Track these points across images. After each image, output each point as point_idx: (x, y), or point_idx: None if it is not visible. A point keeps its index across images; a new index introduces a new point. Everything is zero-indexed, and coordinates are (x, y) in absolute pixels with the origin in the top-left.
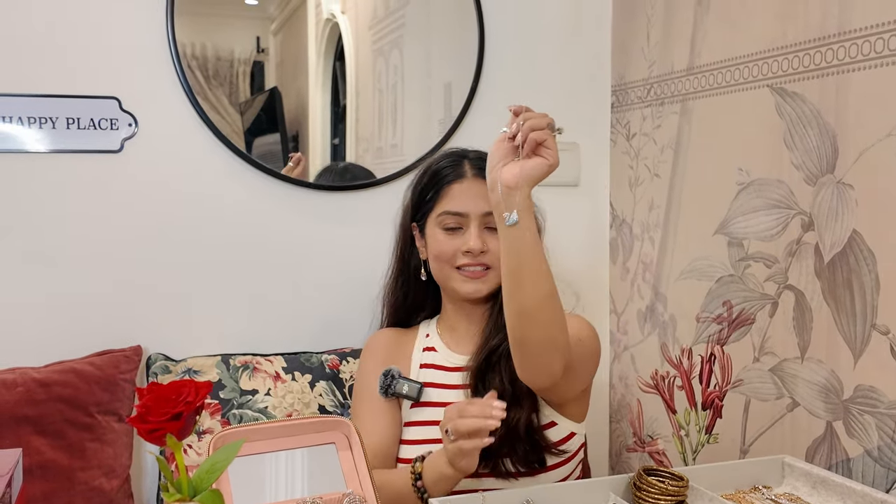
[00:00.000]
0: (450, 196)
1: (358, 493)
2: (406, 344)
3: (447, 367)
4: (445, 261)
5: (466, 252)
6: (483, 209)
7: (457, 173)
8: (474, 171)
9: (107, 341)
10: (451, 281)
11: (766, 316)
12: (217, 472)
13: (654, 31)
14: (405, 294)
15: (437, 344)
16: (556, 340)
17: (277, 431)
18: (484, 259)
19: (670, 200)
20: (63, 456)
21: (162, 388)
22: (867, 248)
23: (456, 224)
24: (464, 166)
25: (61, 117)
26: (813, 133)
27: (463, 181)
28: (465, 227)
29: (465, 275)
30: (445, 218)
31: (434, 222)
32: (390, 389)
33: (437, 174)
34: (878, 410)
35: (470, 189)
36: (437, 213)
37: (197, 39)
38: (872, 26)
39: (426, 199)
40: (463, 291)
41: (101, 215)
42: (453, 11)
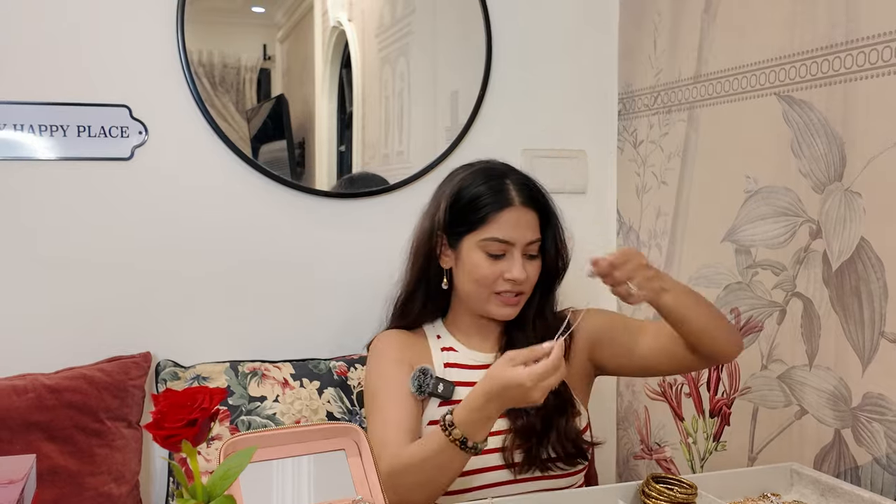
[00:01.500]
0: (497, 223)
1: (368, 500)
2: (419, 345)
3: (472, 366)
4: (485, 285)
5: (509, 280)
6: (528, 238)
7: (505, 200)
8: (521, 198)
9: (116, 348)
10: (486, 304)
11: (774, 323)
12: (231, 478)
13: (661, 39)
14: (423, 301)
15: (455, 344)
16: (725, 334)
17: (287, 438)
18: (522, 287)
19: (677, 208)
20: (73, 461)
21: (177, 394)
22: (875, 255)
23: (500, 251)
24: (510, 192)
25: (72, 125)
26: (820, 141)
27: (511, 209)
28: (507, 254)
29: (501, 300)
30: (491, 244)
31: (475, 244)
32: (426, 388)
33: (481, 198)
34: (886, 418)
35: (518, 218)
36: (482, 237)
37: (204, 47)
38: (880, 35)
39: (468, 220)
40: (498, 315)
41: (112, 222)
42: (460, 19)
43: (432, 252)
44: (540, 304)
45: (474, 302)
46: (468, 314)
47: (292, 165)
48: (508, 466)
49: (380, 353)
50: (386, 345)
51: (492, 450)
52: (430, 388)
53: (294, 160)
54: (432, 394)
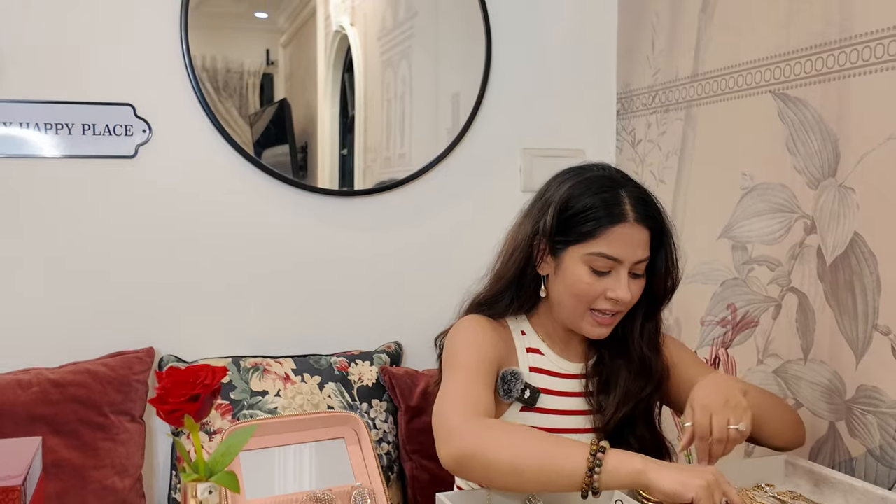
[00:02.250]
0: (608, 238)
1: (367, 486)
2: (506, 338)
3: (559, 374)
4: (584, 301)
5: (610, 298)
6: (638, 257)
7: (619, 214)
8: (636, 214)
9: (120, 343)
10: (580, 320)
11: (770, 318)
12: (232, 454)
13: (659, 39)
14: (511, 299)
15: (541, 346)
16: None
17: (288, 426)
18: (623, 307)
19: (675, 206)
20: (77, 455)
21: (181, 372)
22: (868, 250)
23: (606, 268)
24: (625, 206)
25: (77, 123)
26: (815, 138)
27: (624, 225)
28: (612, 271)
29: (596, 320)
30: (598, 259)
31: (580, 257)
32: (513, 392)
33: (596, 211)
34: (880, 410)
35: (632, 236)
36: (590, 251)
37: (207, 52)
38: (873, 32)
39: (577, 230)
40: (589, 334)
41: (116, 219)
42: (461, 21)
43: (531, 257)
44: (642, 327)
45: (567, 315)
46: (556, 323)
47: (295, 169)
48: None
49: (473, 328)
50: (479, 325)
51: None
52: (517, 394)
53: (297, 164)
54: (519, 399)
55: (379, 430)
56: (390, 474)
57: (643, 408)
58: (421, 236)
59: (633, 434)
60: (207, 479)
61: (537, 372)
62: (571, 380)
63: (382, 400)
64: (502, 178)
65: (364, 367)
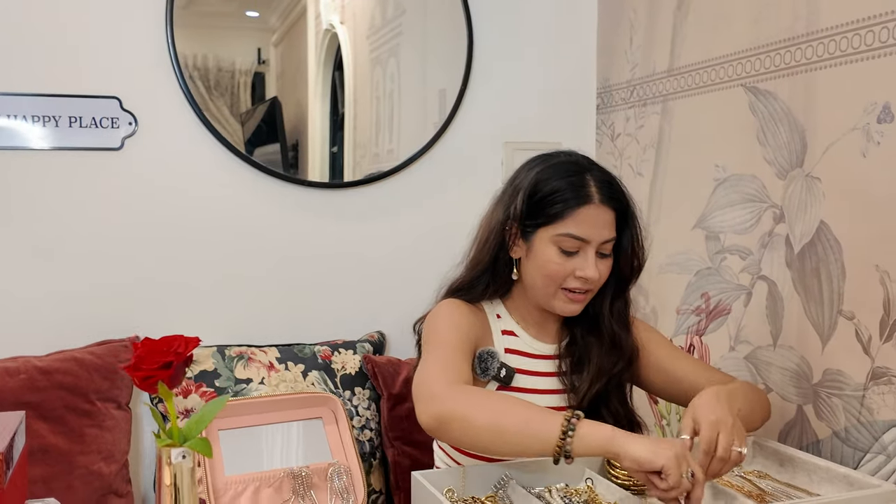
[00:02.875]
0: (575, 219)
1: (343, 464)
2: (482, 321)
3: (534, 355)
4: (554, 280)
5: (579, 277)
6: (604, 237)
7: (584, 195)
8: (601, 196)
9: (106, 331)
10: (552, 299)
11: (742, 306)
12: (205, 422)
13: (637, 35)
14: (486, 284)
15: (515, 329)
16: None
17: (268, 406)
18: (591, 285)
19: (652, 198)
20: (63, 441)
21: (154, 341)
22: (834, 237)
23: (574, 248)
24: (590, 187)
25: (64, 116)
26: (783, 129)
27: (591, 206)
28: (580, 251)
29: (568, 297)
30: (566, 240)
31: (549, 238)
32: (490, 371)
33: (561, 192)
34: (844, 393)
35: (597, 216)
36: (558, 231)
37: (199, 51)
38: (838, 26)
39: (545, 213)
40: (562, 311)
41: (103, 210)
42: (447, 19)
43: (504, 241)
44: (612, 305)
45: (540, 295)
46: (531, 304)
47: (286, 167)
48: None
49: (452, 309)
50: (457, 307)
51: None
52: (494, 372)
53: (287, 162)
54: (495, 377)
55: (362, 416)
56: (373, 460)
57: (615, 384)
58: (404, 228)
59: (607, 410)
60: (181, 444)
61: (512, 353)
62: (546, 360)
63: (365, 388)
64: (484, 172)
65: (347, 355)
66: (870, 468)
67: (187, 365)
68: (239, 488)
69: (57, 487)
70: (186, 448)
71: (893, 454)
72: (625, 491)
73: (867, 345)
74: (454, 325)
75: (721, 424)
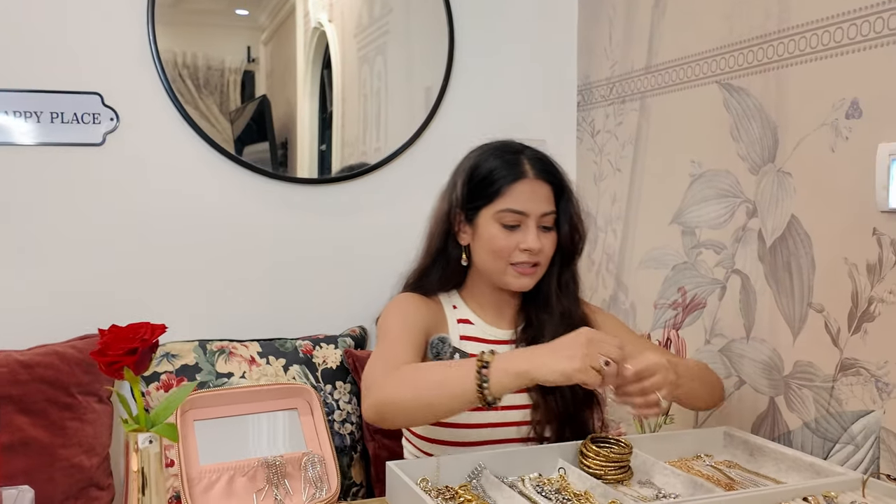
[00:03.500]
0: (512, 194)
1: (317, 453)
2: (437, 312)
3: (488, 340)
4: (501, 256)
5: (524, 250)
6: (542, 209)
7: (519, 172)
8: (535, 171)
9: (88, 326)
10: (503, 275)
11: (716, 300)
12: (172, 407)
13: (616, 32)
14: (440, 274)
15: (471, 317)
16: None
17: (244, 397)
18: (537, 258)
19: (630, 193)
20: (45, 434)
21: (121, 328)
22: (804, 231)
23: (515, 222)
24: (524, 165)
25: (45, 111)
26: (756, 125)
27: (525, 181)
28: (522, 225)
29: (518, 270)
30: (506, 215)
31: (491, 217)
32: (442, 356)
33: (496, 171)
34: (814, 384)
35: (532, 190)
36: (498, 209)
37: (188, 49)
38: (808, 23)
39: (484, 193)
40: (514, 286)
41: (85, 205)
42: (431, 17)
43: (451, 229)
44: (559, 280)
45: (492, 274)
46: (486, 288)
47: (275, 165)
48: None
49: (405, 300)
50: (408, 300)
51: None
52: (447, 357)
53: (277, 160)
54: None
55: (343, 410)
56: (354, 453)
57: None
58: (386, 224)
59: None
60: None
61: (468, 340)
62: (503, 345)
63: (346, 382)
64: None
65: (328, 350)
66: (839, 458)
67: (153, 351)
68: (213, 477)
69: (38, 480)
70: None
71: (862, 444)
72: (596, 480)
73: (836, 337)
74: (401, 316)
75: (661, 368)
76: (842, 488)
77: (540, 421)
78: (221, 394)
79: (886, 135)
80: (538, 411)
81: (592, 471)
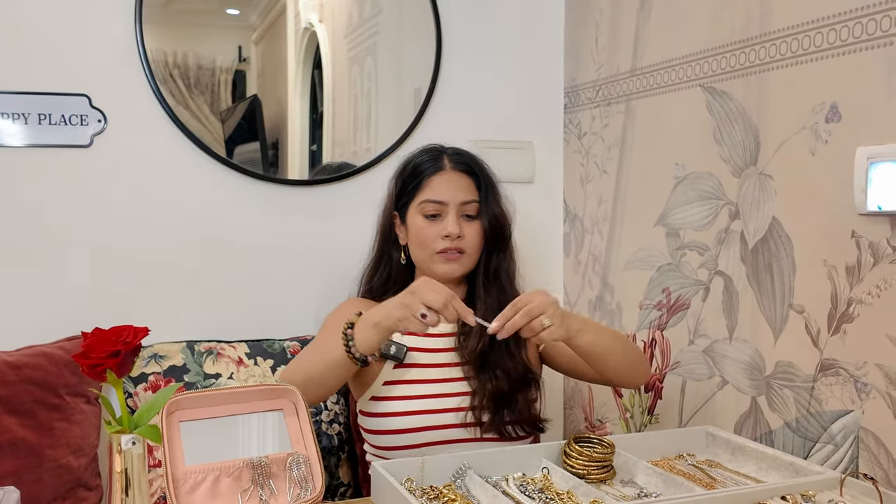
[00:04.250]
0: (430, 186)
1: (302, 454)
2: None
3: (432, 334)
4: (426, 245)
5: (446, 237)
6: (461, 198)
7: (437, 166)
8: (452, 164)
9: (76, 327)
10: (430, 263)
11: (700, 301)
12: (155, 409)
13: (602, 35)
14: (387, 276)
15: None
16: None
17: (229, 398)
18: (460, 244)
19: (616, 195)
20: (33, 434)
21: (104, 331)
22: (785, 233)
23: (435, 211)
24: (443, 160)
25: (33, 113)
26: (738, 128)
27: (442, 173)
28: (443, 215)
29: (443, 258)
30: (426, 206)
31: (415, 210)
32: (381, 351)
33: (419, 167)
34: (795, 384)
35: (450, 180)
36: (419, 201)
37: (178, 48)
38: (789, 27)
39: (408, 189)
40: (440, 272)
41: (73, 207)
42: (418, 18)
43: (391, 230)
44: (485, 269)
45: (424, 266)
46: None
47: (265, 166)
48: (466, 426)
49: (339, 310)
50: (348, 305)
51: (457, 408)
52: (383, 349)
53: (267, 160)
54: (384, 355)
55: (330, 411)
56: (342, 454)
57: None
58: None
59: (500, 366)
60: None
61: (411, 334)
62: (446, 338)
63: None
64: None
65: None
66: (819, 457)
67: (136, 354)
68: (199, 478)
69: (26, 480)
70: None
71: (841, 444)
72: (579, 479)
73: (816, 338)
74: (332, 320)
75: (541, 295)
76: (820, 487)
77: (477, 406)
78: (207, 395)
79: (865, 138)
80: (475, 397)
81: (575, 470)
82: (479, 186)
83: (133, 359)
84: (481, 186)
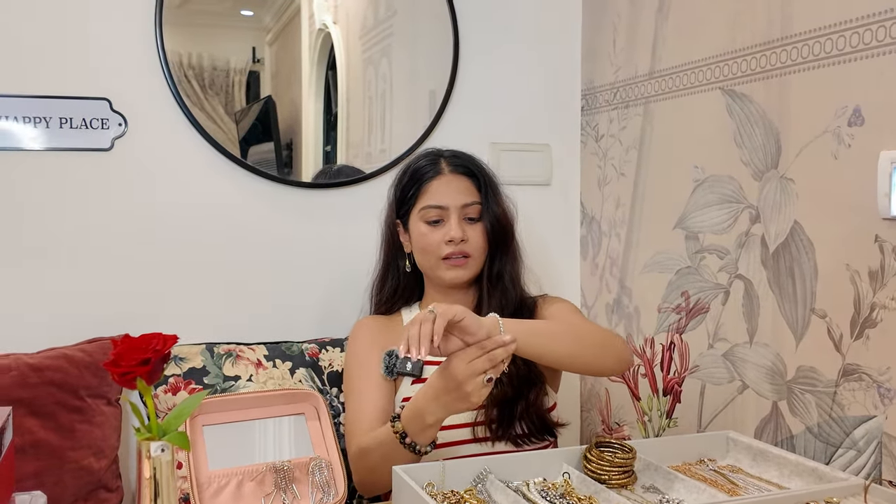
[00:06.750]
0: (430, 192)
1: (324, 458)
2: (393, 329)
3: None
4: (430, 252)
5: (449, 241)
6: (461, 201)
7: (435, 170)
8: (451, 167)
9: (97, 329)
10: (436, 270)
11: (719, 304)
12: (183, 416)
13: (620, 38)
14: (394, 286)
15: None
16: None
17: (252, 402)
18: (464, 248)
19: (634, 198)
20: (54, 436)
21: (134, 339)
22: (807, 237)
23: (437, 217)
24: (441, 164)
25: (55, 117)
26: (759, 131)
27: (441, 177)
28: (445, 220)
29: (449, 263)
30: (428, 212)
31: (417, 217)
32: (396, 368)
33: (417, 172)
34: (817, 389)
35: (448, 184)
36: (420, 207)
37: (193, 49)
38: (810, 31)
39: (408, 196)
40: (447, 278)
41: (93, 210)
42: (436, 21)
43: (395, 239)
44: (489, 273)
45: (430, 273)
46: (437, 293)
47: (280, 166)
48: (479, 441)
49: (355, 338)
50: (360, 331)
51: (463, 424)
52: (399, 368)
53: (282, 161)
54: (401, 373)
55: None
56: None
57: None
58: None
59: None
60: (160, 438)
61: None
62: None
63: None
64: None
65: (334, 353)
66: (841, 463)
67: (165, 361)
68: (223, 482)
69: (48, 482)
70: (165, 442)
71: (864, 449)
72: (600, 484)
73: (839, 342)
74: (356, 363)
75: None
76: (844, 494)
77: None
78: (229, 399)
79: (888, 142)
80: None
81: (596, 475)
82: (479, 187)
83: (163, 366)
84: (482, 187)
